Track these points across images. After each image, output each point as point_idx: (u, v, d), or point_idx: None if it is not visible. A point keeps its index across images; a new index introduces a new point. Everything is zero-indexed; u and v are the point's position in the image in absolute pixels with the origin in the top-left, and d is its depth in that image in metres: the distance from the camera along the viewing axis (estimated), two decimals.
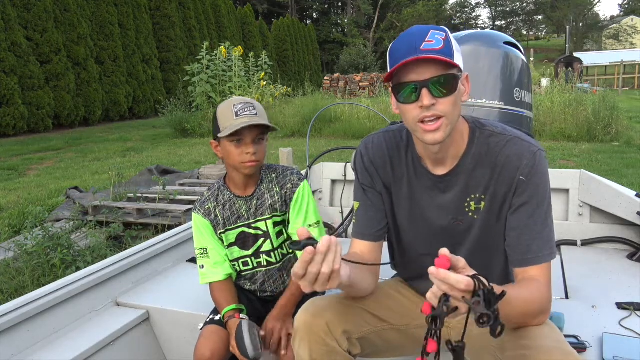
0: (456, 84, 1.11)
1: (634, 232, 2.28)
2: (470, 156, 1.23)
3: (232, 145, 1.55)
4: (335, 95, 17.01)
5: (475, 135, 1.24)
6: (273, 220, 1.66)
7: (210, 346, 1.53)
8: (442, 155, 1.23)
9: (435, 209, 1.29)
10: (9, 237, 4.30)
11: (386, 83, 1.17)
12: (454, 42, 1.13)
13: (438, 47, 1.08)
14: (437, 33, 1.10)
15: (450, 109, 1.12)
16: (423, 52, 1.07)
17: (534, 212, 1.19)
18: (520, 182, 1.18)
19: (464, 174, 1.24)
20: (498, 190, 1.22)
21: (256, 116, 1.55)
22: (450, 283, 0.89)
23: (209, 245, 1.69)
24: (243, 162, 1.56)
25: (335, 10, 52.20)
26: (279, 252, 1.70)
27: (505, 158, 1.20)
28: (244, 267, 1.72)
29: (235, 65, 12.22)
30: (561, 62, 23.99)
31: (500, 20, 64.41)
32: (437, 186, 1.27)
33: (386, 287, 1.44)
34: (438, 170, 1.26)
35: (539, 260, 1.18)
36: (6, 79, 11.38)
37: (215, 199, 1.69)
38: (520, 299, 1.09)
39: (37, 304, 1.70)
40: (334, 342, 1.21)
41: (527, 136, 1.23)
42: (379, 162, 1.34)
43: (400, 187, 1.33)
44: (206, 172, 6.14)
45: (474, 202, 1.25)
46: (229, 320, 1.57)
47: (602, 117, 8.97)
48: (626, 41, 48.68)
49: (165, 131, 12.09)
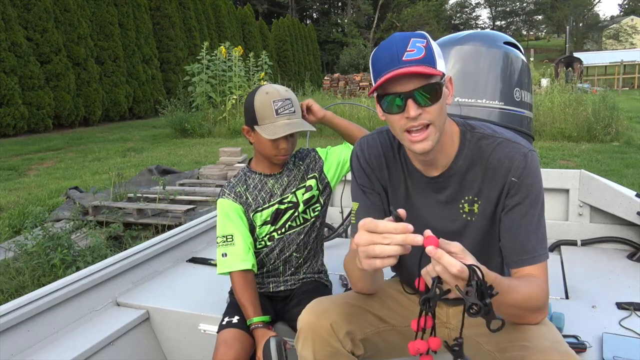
0: (440, 91, 1.11)
1: (634, 232, 2.28)
2: (462, 158, 1.23)
3: (267, 141, 1.60)
4: (335, 95, 16.99)
5: (466, 138, 1.24)
6: (302, 190, 1.72)
7: (232, 355, 1.48)
8: (432, 158, 1.23)
9: (430, 209, 1.29)
10: (9, 237, 4.30)
11: (370, 95, 1.17)
12: (435, 48, 1.12)
13: (419, 56, 1.08)
14: (417, 41, 1.10)
15: (437, 116, 1.12)
16: (405, 64, 1.07)
17: (527, 213, 1.19)
18: (513, 183, 1.19)
19: (456, 176, 1.24)
20: (491, 193, 1.22)
21: (294, 115, 1.61)
22: (443, 264, 0.88)
23: (236, 231, 1.65)
24: (277, 155, 1.64)
25: (335, 10, 52.19)
26: (301, 216, 1.72)
27: (497, 161, 1.20)
28: (269, 242, 1.71)
29: (235, 65, 12.23)
30: (561, 62, 23.98)
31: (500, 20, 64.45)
32: (431, 187, 1.28)
33: (387, 287, 1.44)
34: (430, 172, 1.26)
35: (535, 260, 1.18)
36: (6, 79, 11.38)
37: (245, 183, 1.72)
38: (520, 292, 1.09)
39: (37, 304, 1.69)
40: (338, 343, 1.21)
41: (518, 137, 1.24)
42: (374, 162, 1.34)
43: (398, 187, 1.33)
44: (206, 172, 6.14)
45: (467, 203, 1.25)
46: (256, 329, 1.53)
47: (602, 117, 8.97)
48: (626, 41, 48.68)
49: (165, 131, 12.09)
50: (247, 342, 1.53)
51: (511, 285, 1.09)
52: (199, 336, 1.83)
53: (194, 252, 2.44)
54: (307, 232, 1.74)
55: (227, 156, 6.71)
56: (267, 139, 1.59)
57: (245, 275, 1.62)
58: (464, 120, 1.28)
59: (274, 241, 1.71)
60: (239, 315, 1.60)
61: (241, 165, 6.28)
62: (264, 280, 1.76)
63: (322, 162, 1.78)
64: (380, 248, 0.94)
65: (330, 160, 1.78)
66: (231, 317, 1.61)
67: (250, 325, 1.55)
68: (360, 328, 1.28)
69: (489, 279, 0.98)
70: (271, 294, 1.76)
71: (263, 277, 1.76)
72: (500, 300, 1.07)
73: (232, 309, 1.65)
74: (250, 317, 1.56)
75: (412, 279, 1.43)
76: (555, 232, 2.41)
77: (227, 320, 1.61)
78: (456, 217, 1.27)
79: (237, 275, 1.61)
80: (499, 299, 1.03)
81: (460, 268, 0.87)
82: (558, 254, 2.29)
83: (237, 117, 11.62)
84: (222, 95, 12.21)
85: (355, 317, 1.28)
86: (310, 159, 1.78)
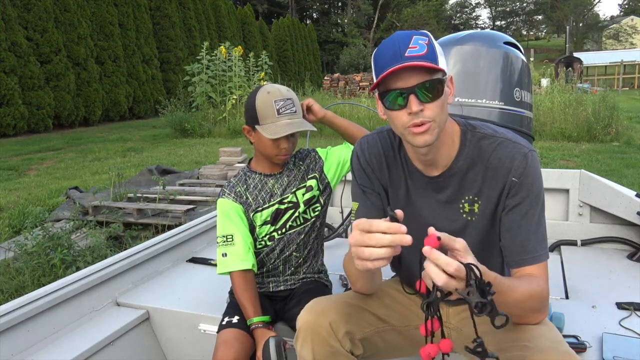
0: (442, 88, 1.12)
1: (634, 232, 2.28)
2: (463, 157, 1.23)
3: (268, 140, 1.61)
4: (335, 95, 17.00)
5: (467, 137, 1.24)
6: (302, 190, 1.72)
7: (232, 355, 1.48)
8: (432, 157, 1.23)
9: (430, 209, 1.29)
10: (9, 237, 4.30)
11: (372, 92, 1.17)
12: (437, 46, 1.13)
13: (422, 52, 1.09)
14: (420, 38, 1.10)
15: (438, 113, 1.13)
16: (408, 59, 1.08)
17: (527, 212, 1.19)
18: (513, 183, 1.19)
19: (457, 176, 1.24)
20: (491, 193, 1.22)
21: (295, 114, 1.61)
22: (439, 264, 0.87)
23: (236, 231, 1.65)
24: (277, 155, 1.65)
25: (335, 10, 52.20)
26: (301, 216, 1.72)
27: (497, 161, 1.20)
28: (269, 242, 1.71)
29: (235, 65, 12.23)
30: (561, 62, 23.98)
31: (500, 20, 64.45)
32: (431, 187, 1.28)
33: (386, 287, 1.44)
34: (431, 171, 1.27)
35: (535, 260, 1.18)
36: (6, 79, 11.37)
37: (245, 183, 1.72)
38: (520, 291, 1.09)
39: (37, 304, 1.69)
40: (337, 342, 1.21)
41: (519, 137, 1.24)
42: (375, 162, 1.35)
43: (399, 187, 1.33)
44: (206, 172, 6.15)
45: (467, 203, 1.25)
46: (256, 329, 1.53)
47: (602, 117, 8.97)
48: (626, 41, 48.69)
49: (165, 131, 12.08)
50: (247, 342, 1.53)
51: (511, 285, 1.09)
52: (199, 336, 1.83)
53: (194, 252, 2.44)
54: (307, 232, 1.74)
55: (227, 156, 6.71)
56: (268, 139, 1.59)
57: (245, 275, 1.62)
58: (465, 120, 1.28)
59: (274, 241, 1.71)
60: (239, 315, 1.60)
61: (241, 165, 6.28)
62: (264, 280, 1.76)
63: (322, 162, 1.78)
64: (369, 251, 0.94)
65: (330, 160, 1.78)
66: (231, 317, 1.61)
67: (250, 325, 1.55)
68: (360, 328, 1.28)
69: (489, 278, 0.97)
70: (271, 293, 1.76)
71: (263, 276, 1.76)
72: (500, 300, 1.07)
73: (232, 309, 1.65)
74: (250, 317, 1.56)
75: (412, 279, 1.44)
76: (555, 232, 2.41)
77: (227, 320, 1.60)
78: (456, 217, 1.27)
79: (237, 275, 1.61)
80: (499, 299, 1.02)
81: (456, 267, 0.86)
82: (558, 254, 2.29)
83: (237, 117, 11.62)
84: (222, 95, 12.21)
85: (355, 317, 1.28)
86: (311, 159, 1.78)
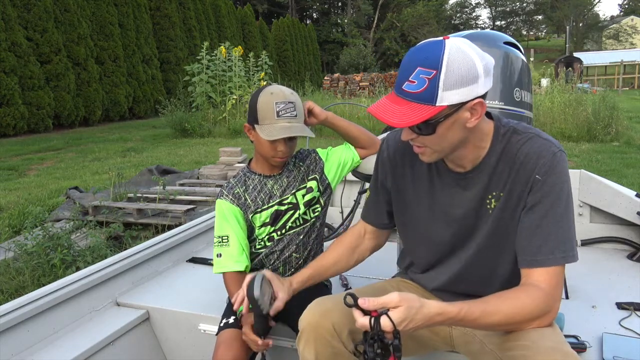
0: (434, 127, 1.09)
1: (634, 232, 2.28)
2: (494, 154, 1.21)
3: (266, 141, 1.60)
4: (335, 95, 17.00)
5: (499, 133, 1.22)
6: (302, 191, 1.71)
7: (232, 355, 1.49)
8: (456, 157, 1.21)
9: (454, 205, 1.27)
10: (9, 237, 4.30)
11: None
12: (447, 78, 1.03)
13: (418, 90, 1.05)
14: (423, 71, 1.04)
15: (435, 143, 1.13)
16: (402, 94, 1.08)
17: (547, 213, 1.15)
18: (536, 180, 1.16)
19: (486, 172, 1.22)
20: (514, 188, 1.19)
21: (295, 118, 1.59)
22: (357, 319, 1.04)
23: (231, 233, 1.65)
24: (274, 157, 1.63)
25: (335, 10, 52.17)
26: (301, 217, 1.72)
27: (524, 156, 1.18)
28: (269, 243, 1.70)
29: (235, 65, 12.24)
30: (561, 62, 23.96)
31: (500, 20, 64.44)
32: (459, 184, 1.26)
33: (388, 287, 1.44)
34: (458, 168, 1.25)
35: (548, 263, 1.14)
36: (6, 79, 11.37)
37: (244, 184, 1.70)
38: (502, 312, 1.10)
39: (37, 304, 1.69)
40: (340, 343, 1.21)
41: (550, 136, 1.22)
42: (397, 159, 1.36)
43: (421, 182, 1.32)
44: (206, 172, 6.15)
45: (494, 199, 1.23)
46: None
47: (602, 117, 8.97)
48: (626, 41, 48.69)
49: (165, 131, 12.08)
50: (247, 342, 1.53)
51: (487, 309, 1.09)
52: (199, 336, 1.83)
53: (193, 252, 2.44)
54: (307, 233, 1.74)
55: (227, 156, 6.71)
56: (265, 141, 1.59)
57: (238, 276, 1.63)
58: (499, 116, 1.26)
59: (274, 242, 1.71)
60: (235, 315, 1.61)
61: (241, 165, 6.28)
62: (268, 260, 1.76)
63: (322, 163, 1.77)
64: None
65: (331, 161, 1.78)
66: (228, 318, 1.61)
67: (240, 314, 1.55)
68: None
69: (450, 313, 1.04)
70: None
71: None
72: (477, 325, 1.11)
73: (229, 309, 1.66)
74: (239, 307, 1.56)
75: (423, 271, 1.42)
76: None
77: (224, 321, 1.62)
78: (482, 213, 1.24)
79: (230, 275, 1.63)
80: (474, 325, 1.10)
81: (360, 323, 1.02)
82: None
83: (237, 117, 11.63)
84: (222, 95, 12.21)
85: None
86: (311, 160, 1.77)
